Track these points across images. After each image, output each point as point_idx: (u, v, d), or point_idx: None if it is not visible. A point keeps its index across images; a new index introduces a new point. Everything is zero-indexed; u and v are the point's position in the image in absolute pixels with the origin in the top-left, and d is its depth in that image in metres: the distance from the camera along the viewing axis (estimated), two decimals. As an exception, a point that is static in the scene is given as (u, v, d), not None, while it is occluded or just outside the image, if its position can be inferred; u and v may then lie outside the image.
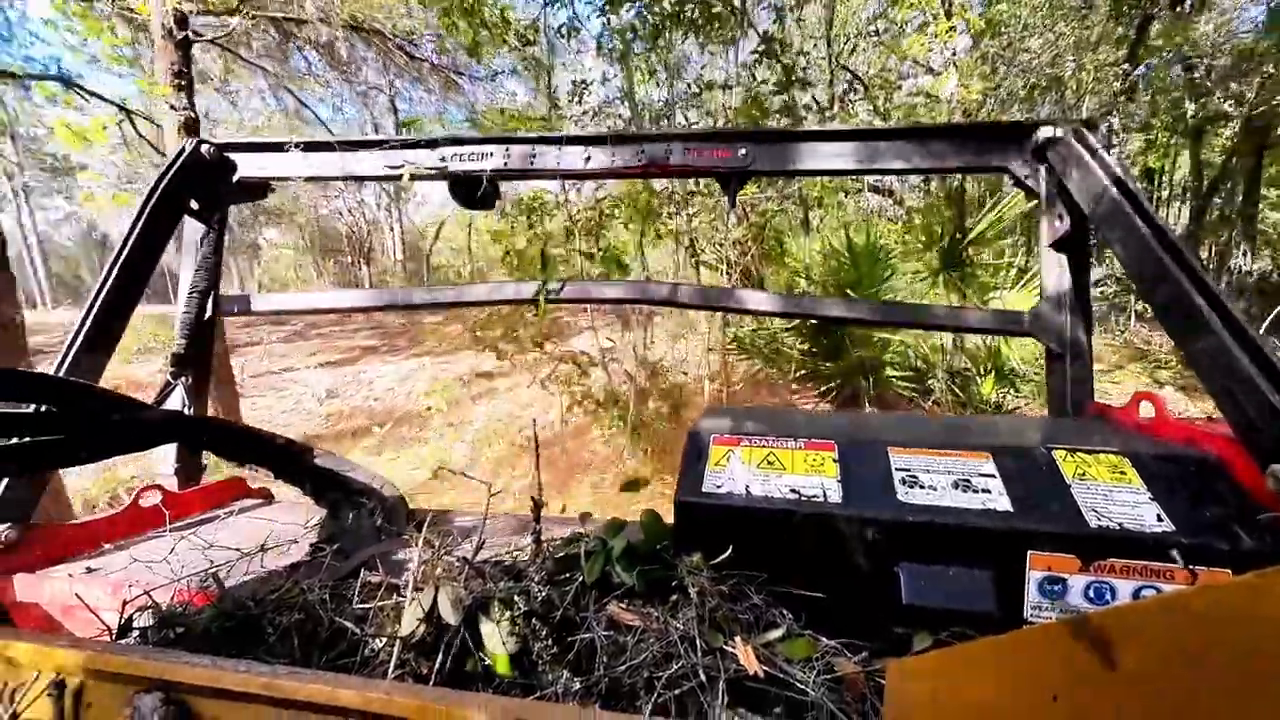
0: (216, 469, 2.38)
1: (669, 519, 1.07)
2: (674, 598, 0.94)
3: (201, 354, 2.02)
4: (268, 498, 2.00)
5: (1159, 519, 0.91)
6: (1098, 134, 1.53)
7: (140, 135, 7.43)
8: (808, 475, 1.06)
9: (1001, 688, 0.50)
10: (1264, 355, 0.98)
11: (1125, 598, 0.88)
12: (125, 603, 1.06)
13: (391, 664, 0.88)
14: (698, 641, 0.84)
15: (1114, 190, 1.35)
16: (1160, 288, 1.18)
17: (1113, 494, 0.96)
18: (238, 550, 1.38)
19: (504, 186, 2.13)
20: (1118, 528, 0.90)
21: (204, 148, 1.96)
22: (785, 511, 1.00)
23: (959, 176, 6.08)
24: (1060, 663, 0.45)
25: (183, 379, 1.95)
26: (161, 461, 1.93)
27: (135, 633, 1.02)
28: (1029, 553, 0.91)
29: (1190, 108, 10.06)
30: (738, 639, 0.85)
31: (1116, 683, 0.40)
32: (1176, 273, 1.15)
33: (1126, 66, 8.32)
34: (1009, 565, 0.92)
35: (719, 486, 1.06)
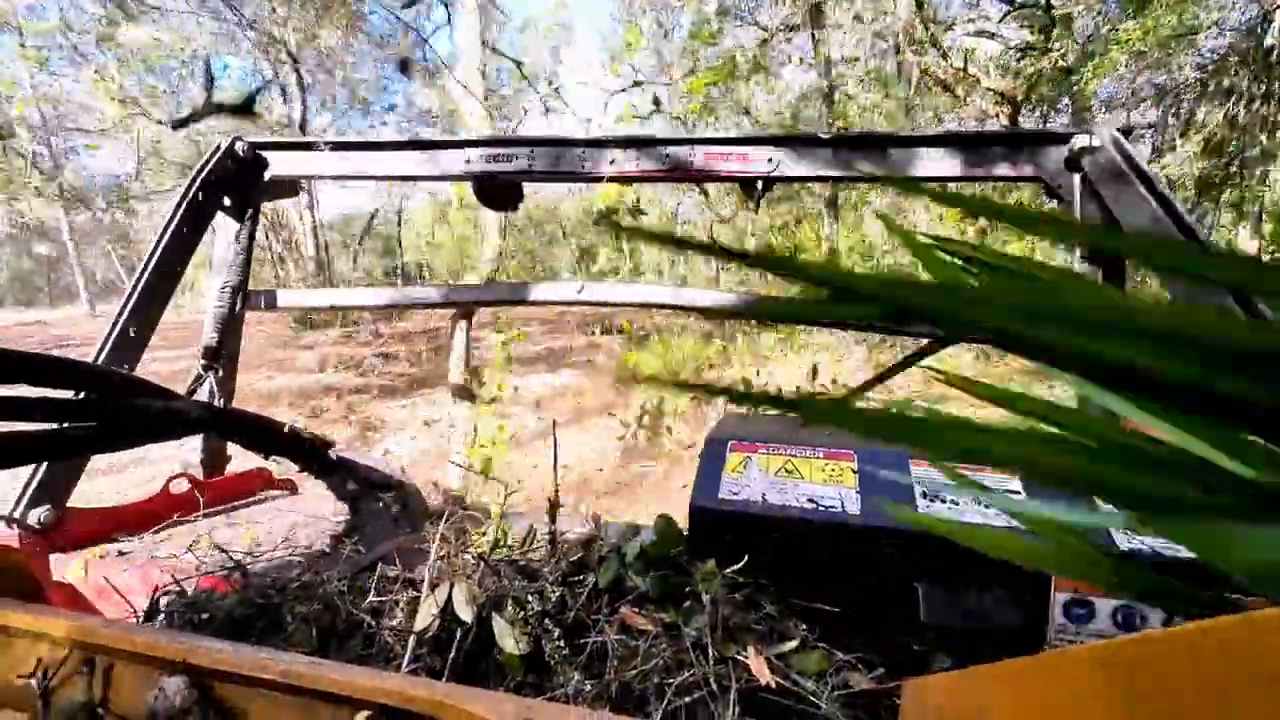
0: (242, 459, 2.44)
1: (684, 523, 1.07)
2: (687, 604, 0.94)
3: (230, 347, 2.09)
4: (292, 489, 2.05)
5: None
6: (1135, 143, 1.49)
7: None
8: (826, 485, 1.05)
9: (1020, 713, 0.49)
10: None
11: (1155, 624, 0.85)
12: (155, 587, 1.09)
13: (406, 658, 0.89)
14: (710, 649, 0.84)
15: (1151, 201, 1.31)
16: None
17: (1144, 515, 0.93)
18: (261, 539, 1.42)
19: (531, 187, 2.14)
20: (1150, 551, 0.87)
21: (238, 145, 2.01)
22: (802, 521, 0.98)
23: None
24: (1084, 691, 0.43)
25: (213, 371, 2.01)
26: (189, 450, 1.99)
27: (162, 616, 1.05)
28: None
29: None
30: (750, 649, 0.84)
31: (1144, 714, 0.38)
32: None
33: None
34: (1032, 585, 0.89)
35: (735, 493, 1.05)
